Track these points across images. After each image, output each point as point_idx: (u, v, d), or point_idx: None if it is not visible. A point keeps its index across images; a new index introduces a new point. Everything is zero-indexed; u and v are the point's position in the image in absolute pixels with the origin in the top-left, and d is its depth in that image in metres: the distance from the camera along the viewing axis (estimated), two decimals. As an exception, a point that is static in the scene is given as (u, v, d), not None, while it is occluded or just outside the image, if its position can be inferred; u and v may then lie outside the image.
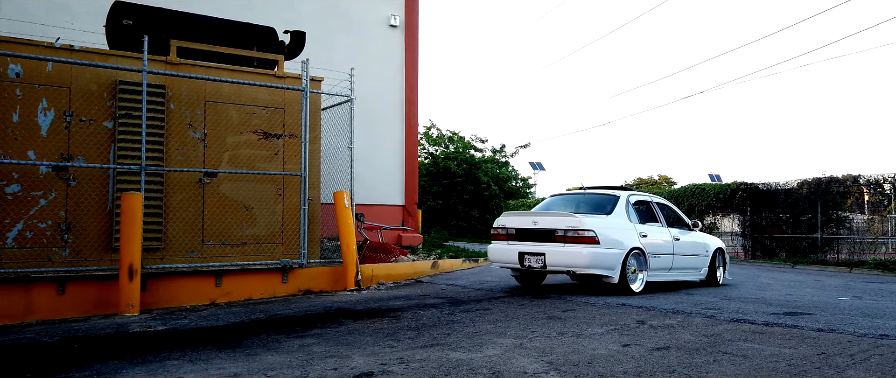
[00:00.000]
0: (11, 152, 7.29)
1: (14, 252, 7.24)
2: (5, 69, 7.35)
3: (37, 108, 7.48)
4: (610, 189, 9.22)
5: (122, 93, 7.90)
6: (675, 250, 9.09)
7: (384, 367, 4.41)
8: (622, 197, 8.80)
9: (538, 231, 8.33)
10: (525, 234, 8.51)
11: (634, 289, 8.29)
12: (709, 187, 21.31)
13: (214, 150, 8.54)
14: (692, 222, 9.76)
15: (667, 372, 4.17)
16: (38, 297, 7.09)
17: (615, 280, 8.06)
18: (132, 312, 7.18)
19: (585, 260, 7.84)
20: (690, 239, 9.52)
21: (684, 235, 9.44)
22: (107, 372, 4.44)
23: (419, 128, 31.83)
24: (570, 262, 7.95)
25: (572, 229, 7.96)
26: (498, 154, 32.05)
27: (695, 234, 9.71)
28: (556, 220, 8.20)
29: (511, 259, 8.51)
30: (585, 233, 7.89)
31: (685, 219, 9.74)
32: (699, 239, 9.74)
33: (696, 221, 9.80)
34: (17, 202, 7.29)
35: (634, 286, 8.31)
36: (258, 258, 8.68)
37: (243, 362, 4.64)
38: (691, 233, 9.67)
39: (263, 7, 12.90)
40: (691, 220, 9.79)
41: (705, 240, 9.88)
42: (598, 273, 7.97)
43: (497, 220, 9.05)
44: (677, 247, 9.14)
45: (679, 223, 9.67)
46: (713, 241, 10.01)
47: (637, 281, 8.38)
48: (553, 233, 8.13)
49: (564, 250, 7.98)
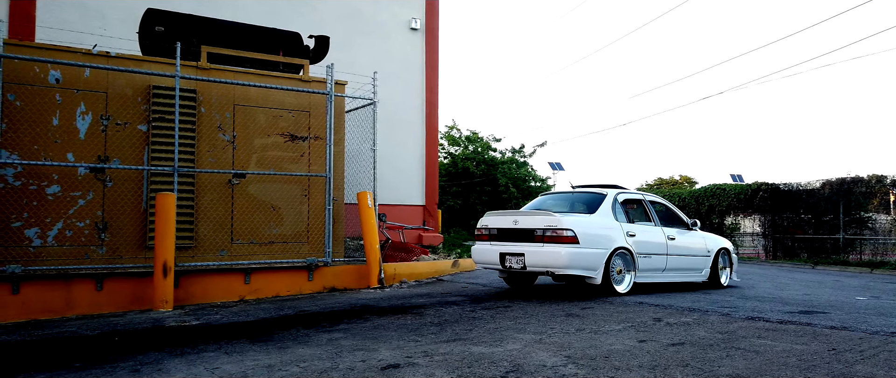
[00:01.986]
0: (52, 154, 7.63)
1: (54, 250, 7.59)
2: (46, 75, 7.70)
3: (75, 112, 7.82)
4: (600, 188, 8.96)
5: (156, 97, 8.22)
6: (670, 250, 8.82)
7: (410, 360, 4.63)
8: (609, 195, 8.59)
9: (518, 231, 8.13)
10: (506, 234, 8.32)
11: (619, 290, 8.04)
12: (729, 188, 21.30)
13: (243, 152, 8.84)
14: (691, 222, 9.47)
15: (680, 366, 4.35)
16: (78, 293, 7.42)
17: (598, 281, 7.83)
18: (166, 308, 7.49)
19: (564, 260, 7.60)
20: (688, 239, 9.24)
21: (682, 235, 9.16)
22: (149, 363, 4.72)
23: (442, 127, 32.16)
24: (549, 263, 7.72)
25: (551, 229, 7.73)
26: (516, 154, 32.15)
27: (694, 234, 9.42)
28: (536, 220, 7.97)
29: (492, 260, 8.34)
30: (564, 232, 7.65)
31: (683, 218, 9.49)
32: (698, 238, 9.45)
33: (696, 221, 9.53)
34: (57, 202, 7.64)
35: (619, 287, 8.07)
36: (285, 256, 8.97)
37: (276, 354, 4.89)
38: (690, 232, 9.38)
39: (288, 12, 13.22)
40: (691, 220, 9.50)
41: (706, 239, 9.58)
42: (577, 274, 7.75)
43: (480, 221, 8.87)
44: (672, 247, 8.88)
45: (676, 222, 9.37)
46: (716, 241, 9.73)
47: (623, 282, 8.16)
48: (533, 232, 7.92)
49: (543, 250, 7.75)
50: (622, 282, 8.15)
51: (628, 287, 8.18)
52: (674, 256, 8.89)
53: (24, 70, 7.54)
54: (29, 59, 7.46)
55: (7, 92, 7.40)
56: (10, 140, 7.40)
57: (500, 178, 29.60)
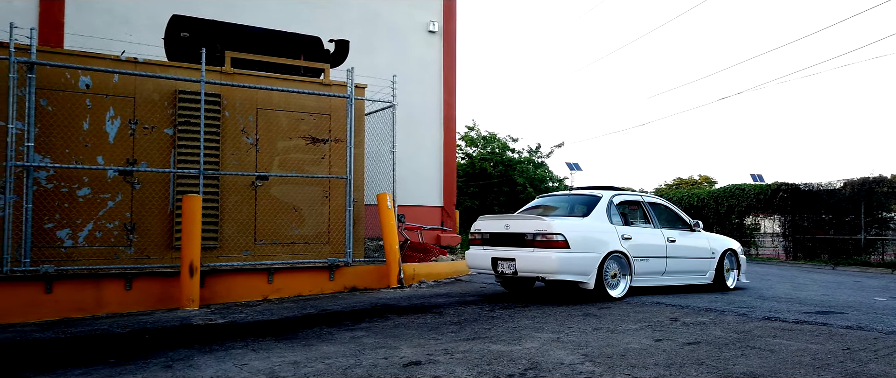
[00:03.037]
0: (82, 158, 7.89)
1: (85, 250, 7.84)
2: (76, 81, 7.95)
3: (105, 116, 8.07)
4: (597, 189, 8.76)
5: (182, 101, 8.45)
6: (670, 253, 8.62)
7: (430, 357, 4.77)
8: (604, 197, 8.37)
9: (510, 235, 7.98)
10: (498, 238, 8.17)
11: (613, 295, 7.82)
12: (749, 188, 21.19)
13: (266, 155, 9.04)
14: (693, 222, 9.22)
15: (695, 364, 4.44)
16: (108, 292, 7.66)
17: (591, 286, 7.64)
18: (192, 307, 7.70)
19: (553, 265, 7.39)
20: (690, 240, 9.02)
21: (683, 237, 8.94)
22: (180, 359, 4.90)
23: (462, 128, 32.28)
24: (539, 268, 7.54)
25: (541, 233, 7.56)
26: (534, 154, 32.18)
27: (697, 235, 9.18)
28: (527, 224, 7.80)
29: (485, 265, 8.21)
30: (554, 236, 7.46)
31: (686, 219, 9.27)
32: (702, 240, 9.21)
33: (698, 222, 9.27)
34: (87, 204, 7.89)
35: (614, 292, 7.85)
36: (307, 257, 9.16)
37: (301, 351, 5.06)
38: (692, 234, 9.13)
39: (309, 15, 13.43)
40: (693, 221, 9.26)
41: (710, 241, 9.34)
42: (568, 279, 7.55)
43: (474, 224, 8.72)
44: (672, 249, 8.66)
45: (677, 224, 9.17)
46: (721, 242, 9.48)
47: (618, 287, 7.95)
48: (523, 237, 7.77)
49: (533, 255, 7.58)
50: (617, 286, 7.95)
51: (623, 292, 7.98)
52: (674, 259, 8.69)
53: (56, 76, 7.80)
54: (61, 65, 7.72)
55: (40, 97, 7.65)
56: (42, 144, 7.65)
57: (517, 178, 29.65)
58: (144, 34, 11.33)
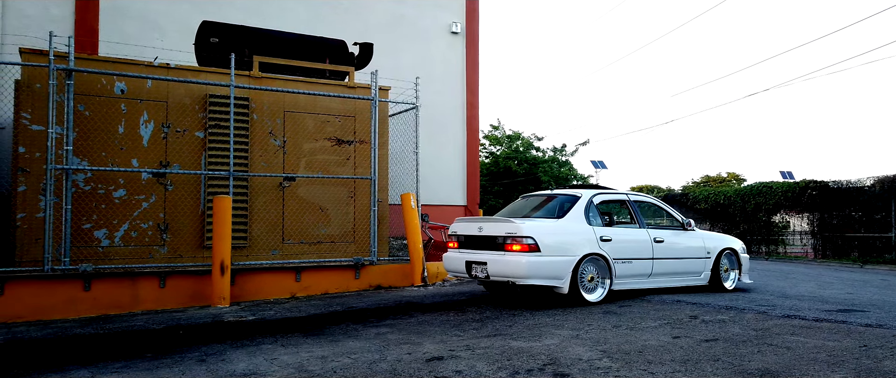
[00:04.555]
0: (118, 160, 8.20)
1: (121, 250, 8.15)
2: (112, 86, 8.27)
3: (139, 120, 8.37)
4: (580, 188, 8.40)
5: (212, 105, 8.72)
6: (657, 254, 8.21)
7: (452, 353, 4.93)
8: (583, 197, 7.99)
9: (483, 238, 7.69)
10: (473, 241, 7.89)
11: (590, 299, 7.43)
12: (777, 186, 20.98)
13: (293, 156, 9.28)
14: (685, 221, 8.81)
15: (711, 360, 4.54)
16: (143, 290, 7.95)
17: (565, 290, 7.26)
18: (223, 304, 7.97)
19: (523, 269, 7.01)
20: (681, 240, 8.61)
21: (675, 236, 8.56)
22: (213, 353, 5.13)
23: (486, 127, 32.37)
24: (509, 272, 7.17)
25: (511, 236, 7.21)
26: (559, 153, 32.17)
27: (690, 234, 8.77)
28: (498, 226, 7.47)
29: (459, 268, 7.91)
30: (524, 239, 7.10)
31: (677, 217, 8.89)
32: (695, 239, 8.79)
33: (690, 220, 8.85)
34: (123, 205, 8.20)
35: (591, 297, 7.47)
36: (333, 256, 9.38)
37: (328, 347, 5.26)
38: (685, 233, 8.72)
39: (333, 18, 13.67)
40: (685, 219, 8.86)
41: (705, 240, 8.91)
42: (540, 283, 7.17)
43: (451, 226, 8.47)
44: (660, 249, 8.25)
45: (667, 223, 8.88)
46: (718, 241, 9.07)
47: (596, 291, 7.58)
48: (495, 240, 7.46)
49: (504, 259, 7.21)
50: (595, 290, 7.58)
51: (602, 296, 7.59)
52: (662, 260, 8.29)
53: (92, 82, 8.12)
54: (97, 72, 8.03)
55: (78, 103, 7.97)
56: (80, 147, 7.97)
57: (542, 176, 29.67)
58: (175, 39, 11.65)
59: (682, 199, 25.37)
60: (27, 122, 7.75)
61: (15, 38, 10.26)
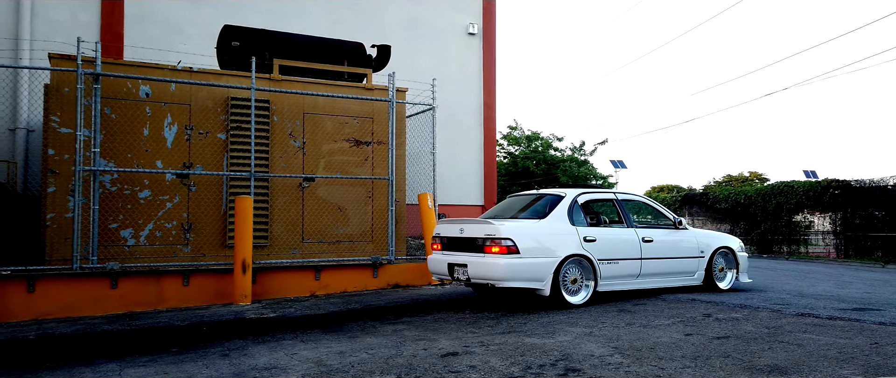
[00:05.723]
0: (143, 162, 8.43)
1: (146, 249, 8.39)
2: (137, 90, 8.50)
3: (163, 123, 8.60)
4: (564, 188, 8.24)
5: (234, 108, 8.93)
6: (645, 254, 8.03)
7: (467, 349, 5.05)
8: (567, 197, 7.82)
9: (464, 240, 7.52)
10: (455, 243, 7.71)
11: (573, 302, 7.24)
12: (798, 185, 20.81)
13: (312, 157, 9.46)
14: (676, 220, 8.63)
15: (721, 357, 4.61)
16: (168, 288, 8.17)
17: (546, 293, 7.08)
18: (245, 302, 8.16)
19: (501, 271, 6.84)
20: (673, 239, 8.43)
21: (664, 235, 8.39)
22: (236, 348, 5.30)
23: (504, 128, 32.43)
24: (487, 275, 6.99)
25: (490, 237, 7.03)
26: (577, 152, 32.13)
27: (682, 233, 8.58)
28: (478, 228, 7.31)
29: (442, 270, 7.75)
30: (502, 241, 6.92)
31: (668, 216, 8.72)
32: (687, 238, 8.60)
33: (680, 219, 8.66)
34: (148, 205, 8.43)
35: (574, 299, 7.28)
36: (351, 255, 9.55)
37: (347, 343, 5.40)
38: (676, 232, 8.54)
39: (351, 21, 13.85)
40: (677, 218, 8.69)
41: (698, 238, 8.70)
42: (520, 286, 7.00)
43: (435, 228, 8.33)
44: (648, 249, 8.07)
45: (657, 222, 8.74)
46: (713, 239, 8.86)
47: (580, 293, 7.39)
48: (475, 241, 7.29)
49: (483, 261, 7.04)
50: (578, 292, 7.40)
51: (585, 298, 7.40)
52: (651, 260, 8.10)
53: (119, 86, 8.36)
54: (123, 76, 8.27)
55: (104, 106, 8.22)
56: (107, 149, 8.22)
57: (560, 176, 29.66)
58: (197, 43, 11.91)
59: (703, 199, 25.23)
60: (56, 125, 8.00)
61: (43, 44, 10.59)
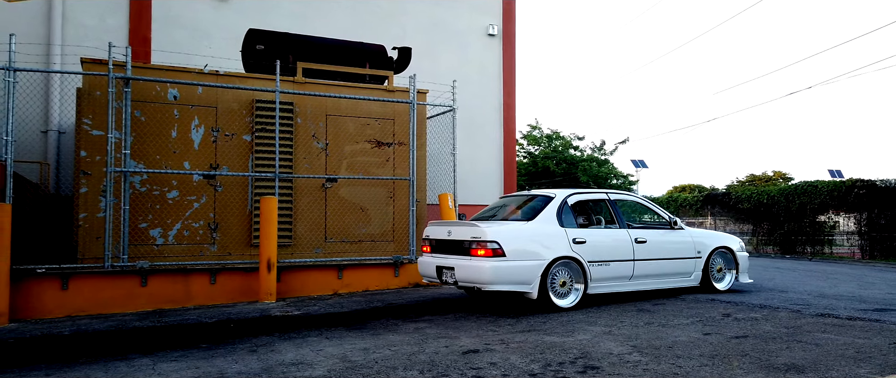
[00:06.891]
0: (171, 163, 8.65)
1: (174, 248, 8.61)
2: (165, 93, 8.73)
3: (190, 125, 8.82)
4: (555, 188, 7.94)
5: (258, 110, 9.12)
6: (638, 255, 7.88)
7: (488, 347, 5.16)
8: (557, 198, 7.71)
9: (451, 242, 7.46)
10: (443, 245, 7.66)
11: (561, 305, 7.12)
12: (822, 185, 20.59)
13: (334, 158, 9.64)
14: (672, 220, 8.52)
15: (739, 356, 4.67)
16: (195, 286, 8.39)
17: (534, 296, 6.97)
18: (270, 300, 8.35)
19: (487, 275, 6.72)
20: (667, 239, 8.31)
21: (659, 236, 8.25)
22: (262, 344, 5.47)
23: (524, 127, 32.44)
24: (474, 278, 6.88)
25: (476, 240, 6.95)
26: (598, 152, 32.05)
27: (678, 233, 8.45)
28: (465, 230, 7.22)
29: (432, 273, 7.69)
30: (488, 244, 6.83)
31: (664, 215, 8.59)
32: (683, 238, 8.46)
33: (676, 219, 8.54)
34: (176, 205, 8.66)
35: (562, 302, 7.15)
36: (373, 254, 9.71)
37: (370, 340, 5.54)
38: (672, 232, 8.42)
39: (372, 23, 14.02)
40: (672, 218, 8.57)
41: (694, 238, 8.56)
42: (506, 289, 6.87)
43: (425, 230, 8.27)
44: (642, 250, 7.92)
45: (651, 222, 8.58)
46: (710, 239, 8.72)
47: (569, 296, 7.26)
48: (462, 244, 7.22)
49: (469, 264, 6.94)
50: (568, 295, 7.26)
51: (575, 301, 7.26)
52: (645, 261, 7.95)
53: (147, 89, 8.59)
54: (152, 80, 8.50)
55: (134, 109, 8.45)
56: (136, 151, 8.45)
57: (581, 176, 29.62)
58: (223, 46, 12.14)
59: (725, 199, 25.04)
60: (88, 127, 8.25)
61: (74, 48, 10.88)
